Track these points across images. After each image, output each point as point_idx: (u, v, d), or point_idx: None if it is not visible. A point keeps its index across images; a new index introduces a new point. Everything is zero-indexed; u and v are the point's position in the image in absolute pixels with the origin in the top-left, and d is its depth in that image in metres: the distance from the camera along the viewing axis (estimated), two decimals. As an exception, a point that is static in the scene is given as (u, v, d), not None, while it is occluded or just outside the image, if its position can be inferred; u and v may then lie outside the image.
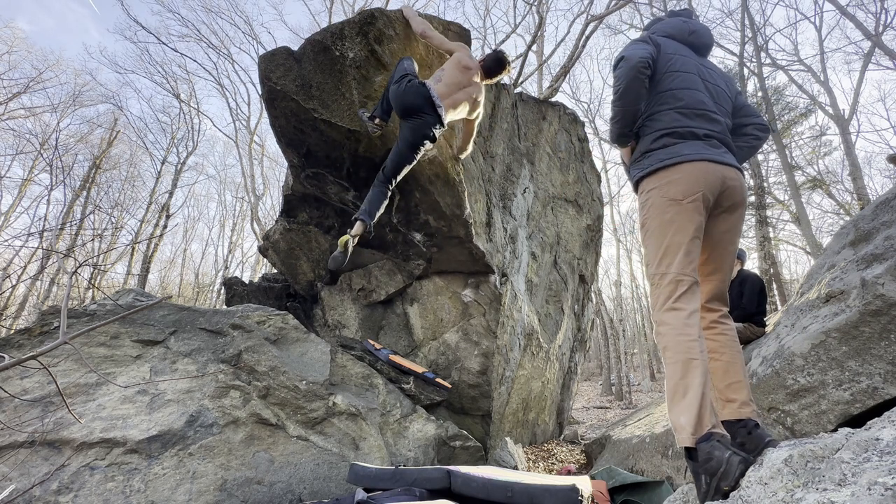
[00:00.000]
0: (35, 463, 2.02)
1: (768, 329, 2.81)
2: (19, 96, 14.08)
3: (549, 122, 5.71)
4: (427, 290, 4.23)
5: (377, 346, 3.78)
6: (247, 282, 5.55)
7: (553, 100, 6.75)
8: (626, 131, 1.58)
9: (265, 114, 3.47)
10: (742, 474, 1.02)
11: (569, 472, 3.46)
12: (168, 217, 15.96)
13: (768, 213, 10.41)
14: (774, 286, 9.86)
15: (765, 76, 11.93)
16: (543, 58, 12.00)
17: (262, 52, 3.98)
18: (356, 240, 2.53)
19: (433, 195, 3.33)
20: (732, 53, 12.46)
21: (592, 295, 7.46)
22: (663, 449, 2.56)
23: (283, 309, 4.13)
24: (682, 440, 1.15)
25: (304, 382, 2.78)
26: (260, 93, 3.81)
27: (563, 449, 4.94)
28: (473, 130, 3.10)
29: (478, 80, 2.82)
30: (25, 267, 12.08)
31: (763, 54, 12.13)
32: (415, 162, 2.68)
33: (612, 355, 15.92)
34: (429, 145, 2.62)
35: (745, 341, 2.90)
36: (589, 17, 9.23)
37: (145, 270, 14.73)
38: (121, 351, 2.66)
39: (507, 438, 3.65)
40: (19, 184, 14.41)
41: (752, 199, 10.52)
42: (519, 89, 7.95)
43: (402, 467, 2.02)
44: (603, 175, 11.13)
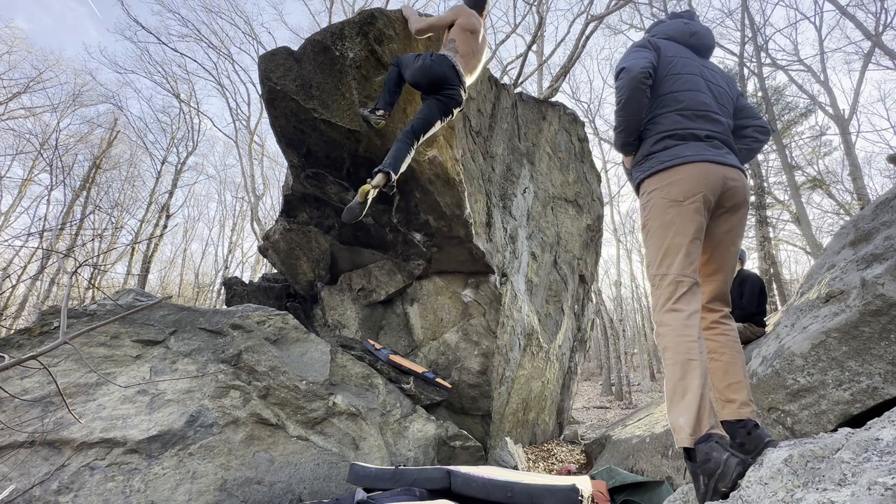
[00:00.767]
0: (35, 463, 2.02)
1: (768, 329, 2.81)
2: (19, 96, 14.09)
3: (549, 122, 5.71)
4: (427, 290, 4.23)
5: (377, 346, 3.78)
6: (247, 282, 5.55)
7: (553, 100, 6.75)
8: (631, 140, 1.58)
9: (265, 114, 3.47)
10: (740, 476, 1.02)
11: (569, 472, 3.46)
12: (168, 217, 15.96)
13: (768, 213, 10.42)
14: (774, 286, 9.86)
15: (765, 76, 11.93)
16: (543, 58, 12.01)
17: (262, 52, 3.98)
18: (377, 192, 2.44)
19: (433, 195, 3.33)
20: (732, 53, 12.47)
21: (592, 295, 7.46)
22: (663, 449, 2.56)
23: (283, 309, 4.13)
24: (681, 441, 1.16)
25: (304, 382, 2.78)
26: (260, 93, 3.81)
27: (563, 449, 4.94)
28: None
29: (482, 30, 2.87)
30: (25, 267, 12.08)
31: (763, 54, 12.13)
32: (443, 124, 2.74)
33: (612, 355, 15.92)
34: (457, 111, 2.72)
35: (745, 341, 2.90)
36: (589, 17, 9.23)
37: (145, 270, 14.73)
38: (121, 351, 2.66)
39: (507, 438, 3.65)
40: (19, 184, 14.42)
41: (753, 198, 10.52)
42: (519, 89, 7.95)
43: (402, 467, 2.02)
44: (603, 175, 11.13)
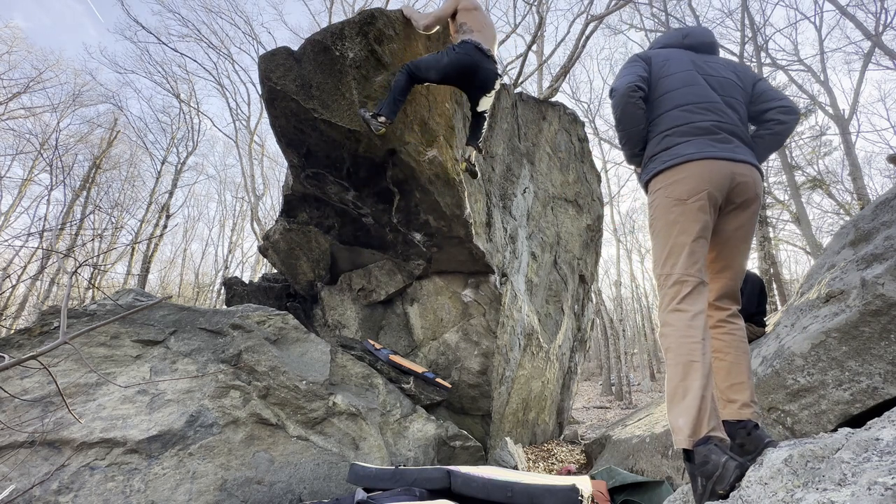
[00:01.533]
0: (35, 463, 2.02)
1: (768, 329, 2.81)
2: (19, 96, 14.08)
3: (549, 122, 5.71)
4: (427, 290, 4.23)
5: (377, 346, 3.78)
6: (247, 282, 5.55)
7: (553, 100, 6.75)
8: (637, 151, 1.61)
9: (265, 114, 3.47)
10: (738, 479, 1.02)
11: (569, 472, 3.46)
12: (168, 217, 15.96)
13: (768, 213, 10.42)
14: (774, 286, 9.86)
15: (765, 76, 11.93)
16: (543, 58, 12.01)
17: (262, 52, 3.98)
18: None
19: (433, 195, 3.33)
20: (732, 53, 12.46)
21: (592, 295, 7.46)
22: (663, 449, 2.56)
23: (283, 309, 4.13)
24: (679, 442, 1.16)
25: (304, 382, 2.78)
26: (260, 93, 3.81)
27: (563, 449, 4.94)
28: None
29: (481, 7, 2.95)
30: (25, 267, 12.08)
31: (763, 54, 12.13)
32: (490, 97, 2.90)
33: (612, 355, 15.92)
34: (498, 83, 2.84)
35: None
36: (589, 17, 9.23)
37: (145, 270, 14.73)
38: (121, 351, 2.66)
39: (507, 438, 3.65)
40: (19, 184, 14.42)
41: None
42: (519, 89, 7.95)
43: (402, 467, 2.02)
44: (603, 175, 11.13)
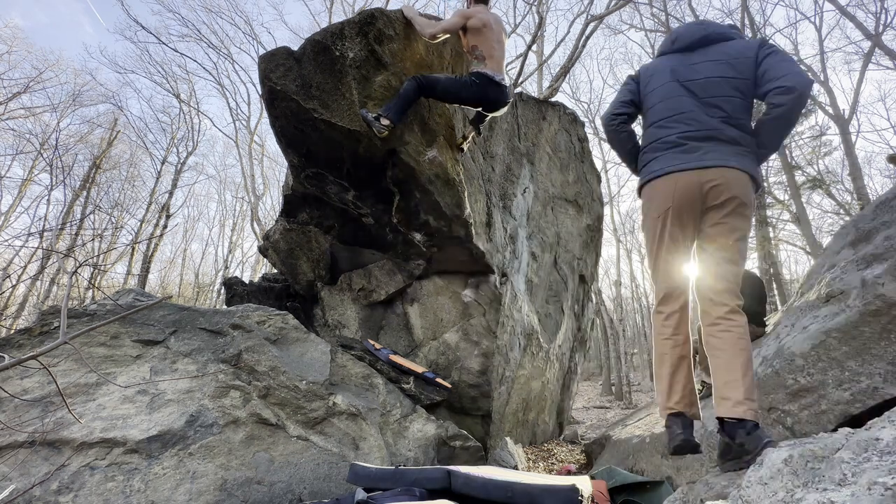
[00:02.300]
0: (35, 463, 2.02)
1: (768, 329, 2.81)
2: (19, 96, 14.08)
3: (549, 122, 5.71)
4: (427, 290, 4.23)
5: (377, 346, 3.78)
6: (247, 282, 5.55)
7: (553, 100, 6.75)
8: (633, 167, 1.77)
9: (265, 114, 3.47)
10: (682, 448, 1.40)
11: (569, 472, 3.46)
12: (168, 217, 15.95)
13: (768, 213, 10.42)
14: (774, 286, 9.86)
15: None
16: (543, 58, 12.01)
17: (262, 52, 3.98)
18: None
19: (433, 195, 3.33)
20: (732, 53, 12.45)
21: (592, 295, 7.46)
22: (663, 449, 2.56)
23: (283, 309, 4.13)
24: (659, 413, 1.53)
25: (304, 382, 2.78)
26: (260, 93, 3.81)
27: (563, 449, 4.94)
28: None
29: (490, 18, 2.93)
30: (25, 267, 12.08)
31: (763, 54, 12.10)
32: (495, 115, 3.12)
33: (612, 355, 15.92)
34: (504, 109, 3.04)
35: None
36: (589, 17, 9.23)
37: (145, 270, 14.73)
38: (121, 351, 2.66)
39: (507, 438, 3.65)
40: (19, 184, 14.41)
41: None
42: (519, 89, 7.95)
43: (402, 467, 2.02)
44: (603, 175, 11.13)
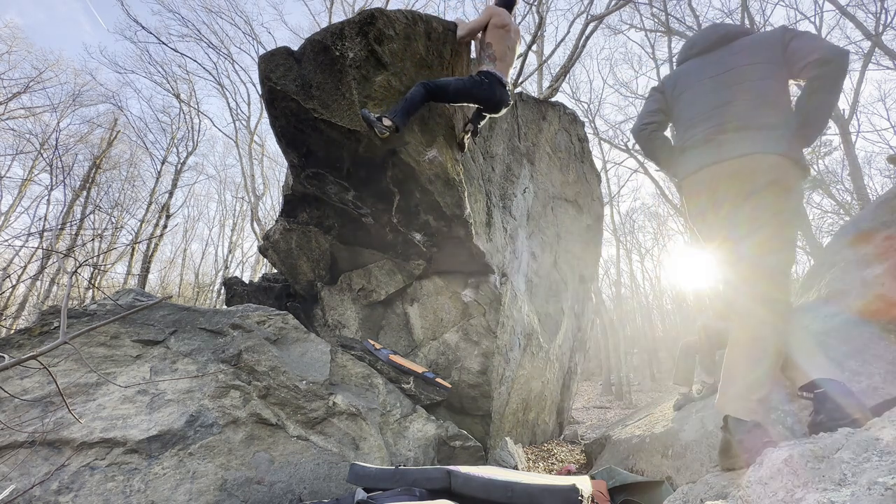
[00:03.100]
0: (35, 463, 2.02)
1: (768, 329, 2.81)
2: (19, 96, 14.08)
3: (548, 122, 5.71)
4: (427, 290, 4.23)
5: (377, 346, 3.78)
6: (247, 282, 5.55)
7: (553, 100, 6.75)
8: (673, 171, 1.78)
9: (265, 114, 3.48)
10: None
11: (569, 472, 3.46)
12: (168, 217, 15.95)
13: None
14: (774, 286, 9.84)
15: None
16: (543, 58, 12.00)
17: (262, 52, 3.99)
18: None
19: (433, 195, 3.33)
20: (732, 53, 12.46)
21: (592, 295, 7.46)
22: (663, 449, 2.56)
23: (283, 309, 4.13)
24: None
25: (304, 382, 2.78)
26: (260, 93, 3.81)
27: (563, 449, 4.94)
28: None
29: (511, 23, 3.03)
30: (25, 267, 12.09)
31: (763, 54, 12.10)
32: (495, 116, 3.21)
33: (612, 355, 15.91)
34: (505, 110, 3.11)
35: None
36: (589, 17, 9.23)
37: (145, 270, 14.72)
38: (121, 351, 2.65)
39: (507, 438, 3.65)
40: (19, 184, 14.41)
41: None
42: (519, 89, 7.95)
43: (402, 467, 2.02)
44: (603, 175, 11.13)
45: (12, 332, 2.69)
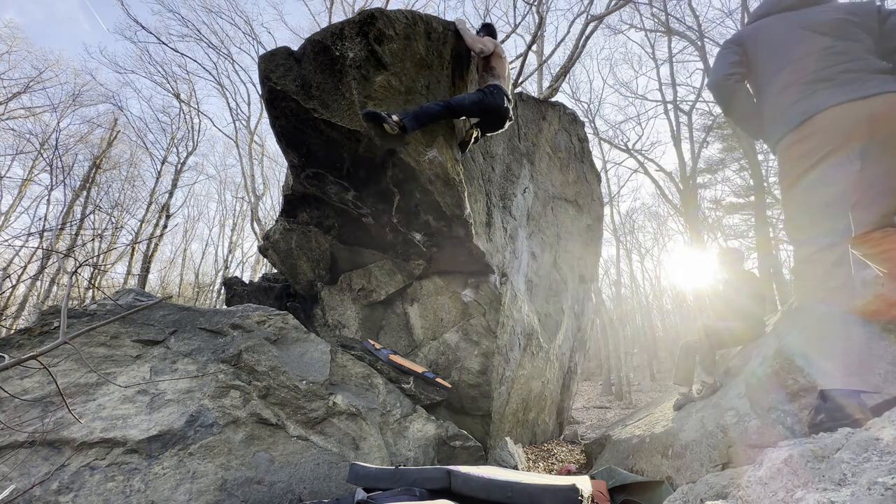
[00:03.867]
0: (35, 463, 2.02)
1: (768, 329, 2.81)
2: (19, 96, 14.08)
3: (548, 122, 5.71)
4: (427, 290, 4.23)
5: (377, 346, 3.78)
6: (247, 282, 5.56)
7: (553, 100, 6.75)
8: (755, 126, 1.63)
9: (265, 114, 3.48)
10: None
11: (569, 472, 3.46)
12: (168, 217, 15.95)
13: (768, 213, 10.42)
14: (774, 286, 9.85)
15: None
16: (543, 58, 12.00)
17: (262, 52, 3.99)
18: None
19: (433, 195, 3.33)
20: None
21: (592, 295, 7.46)
22: (663, 449, 2.56)
23: (283, 309, 4.13)
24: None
25: (304, 382, 2.78)
26: (260, 93, 3.81)
27: (563, 449, 4.95)
28: None
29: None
30: (25, 267, 12.09)
31: (763, 54, 12.09)
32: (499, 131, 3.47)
33: (612, 355, 15.92)
34: (509, 124, 3.41)
35: (746, 341, 2.90)
36: (589, 17, 9.24)
37: (145, 270, 14.72)
38: (121, 351, 2.66)
39: (507, 438, 3.65)
40: (19, 184, 14.41)
41: (752, 198, 10.50)
42: (519, 89, 7.95)
43: (402, 467, 2.02)
44: (603, 175, 11.13)
45: (12, 332, 2.69)
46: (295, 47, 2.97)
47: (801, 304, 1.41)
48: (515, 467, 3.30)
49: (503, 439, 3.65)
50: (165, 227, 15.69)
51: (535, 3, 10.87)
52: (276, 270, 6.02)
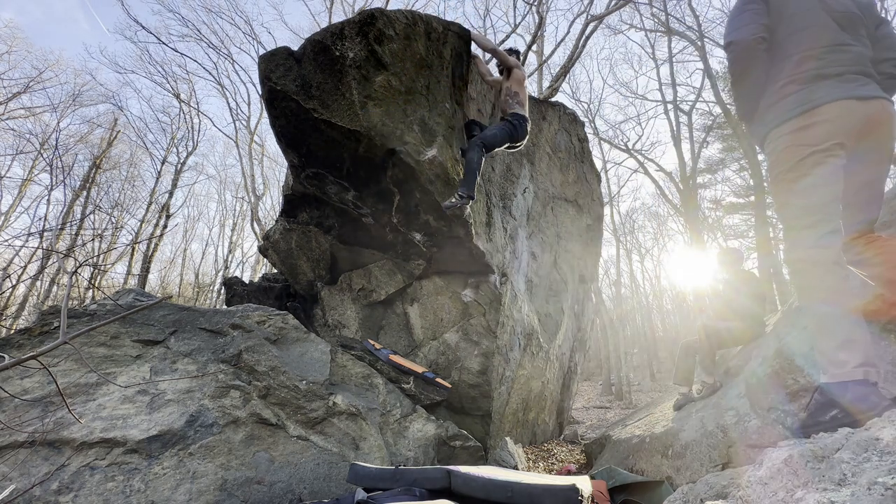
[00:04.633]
0: (35, 463, 2.02)
1: (768, 329, 2.81)
2: (19, 96, 14.08)
3: (548, 122, 5.71)
4: (427, 289, 4.23)
5: (377, 346, 3.78)
6: (247, 282, 5.56)
7: (553, 100, 6.75)
8: (754, 105, 1.53)
9: (265, 114, 3.48)
10: None
11: (569, 472, 3.46)
12: (168, 217, 15.95)
13: (768, 213, 10.42)
14: (774, 286, 9.85)
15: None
16: (543, 58, 12.00)
17: (262, 52, 3.99)
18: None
19: (433, 195, 3.33)
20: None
21: (592, 295, 7.46)
22: (663, 449, 2.56)
23: (283, 309, 4.13)
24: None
25: (304, 382, 2.78)
26: (260, 93, 3.81)
27: (563, 449, 4.94)
28: None
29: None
30: (25, 267, 12.09)
31: (763, 54, 12.08)
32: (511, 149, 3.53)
33: (612, 355, 15.92)
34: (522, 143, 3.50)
35: (746, 341, 2.90)
36: (589, 17, 9.24)
37: (145, 270, 14.72)
38: (121, 351, 2.66)
39: (507, 438, 3.65)
40: (19, 184, 14.41)
41: (752, 198, 10.49)
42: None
43: (402, 467, 2.02)
44: (603, 175, 11.13)
45: (12, 332, 2.69)
46: (295, 47, 2.97)
47: (804, 303, 1.38)
48: (515, 467, 3.30)
49: (503, 439, 3.65)
50: (165, 227, 15.69)
51: (535, 3, 10.87)
52: (276, 270, 6.02)
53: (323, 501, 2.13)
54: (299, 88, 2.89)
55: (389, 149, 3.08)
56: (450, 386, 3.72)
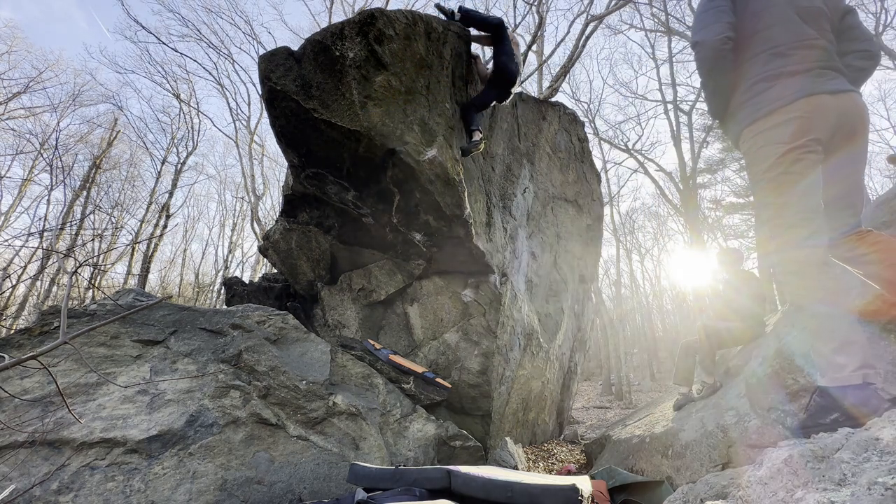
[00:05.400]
0: (35, 463, 2.02)
1: (768, 329, 2.81)
2: (19, 96, 14.08)
3: (548, 122, 5.71)
4: (427, 290, 4.23)
5: (377, 346, 3.78)
6: (247, 282, 5.56)
7: (553, 100, 6.75)
8: (724, 103, 1.54)
9: (265, 114, 3.48)
10: None
11: (569, 472, 3.46)
12: (168, 217, 15.94)
13: (768, 213, 10.42)
14: (774, 286, 9.85)
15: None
16: (543, 58, 12.00)
17: (262, 52, 3.99)
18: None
19: (433, 195, 3.33)
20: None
21: (592, 295, 7.46)
22: (663, 449, 2.56)
23: (283, 309, 4.13)
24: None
25: (304, 382, 2.78)
26: (260, 93, 3.81)
27: (563, 449, 4.94)
28: None
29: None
30: (25, 267, 12.09)
31: (763, 54, 12.09)
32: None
33: (612, 355, 15.91)
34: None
35: (746, 341, 2.90)
36: (589, 17, 9.24)
37: (145, 270, 14.72)
38: (121, 351, 2.65)
39: (507, 438, 3.65)
40: (19, 184, 14.41)
41: (752, 198, 10.48)
42: (519, 89, 7.93)
43: (402, 467, 2.02)
44: (603, 175, 11.13)
45: (12, 332, 2.69)
46: (295, 47, 2.97)
47: (799, 305, 1.36)
48: (515, 467, 3.30)
49: (503, 439, 3.65)
50: (165, 227, 15.68)
51: (535, 3, 10.86)
52: (276, 270, 6.03)
53: (323, 501, 2.13)
54: (299, 88, 2.89)
55: (389, 149, 3.08)
56: (450, 386, 3.72)
